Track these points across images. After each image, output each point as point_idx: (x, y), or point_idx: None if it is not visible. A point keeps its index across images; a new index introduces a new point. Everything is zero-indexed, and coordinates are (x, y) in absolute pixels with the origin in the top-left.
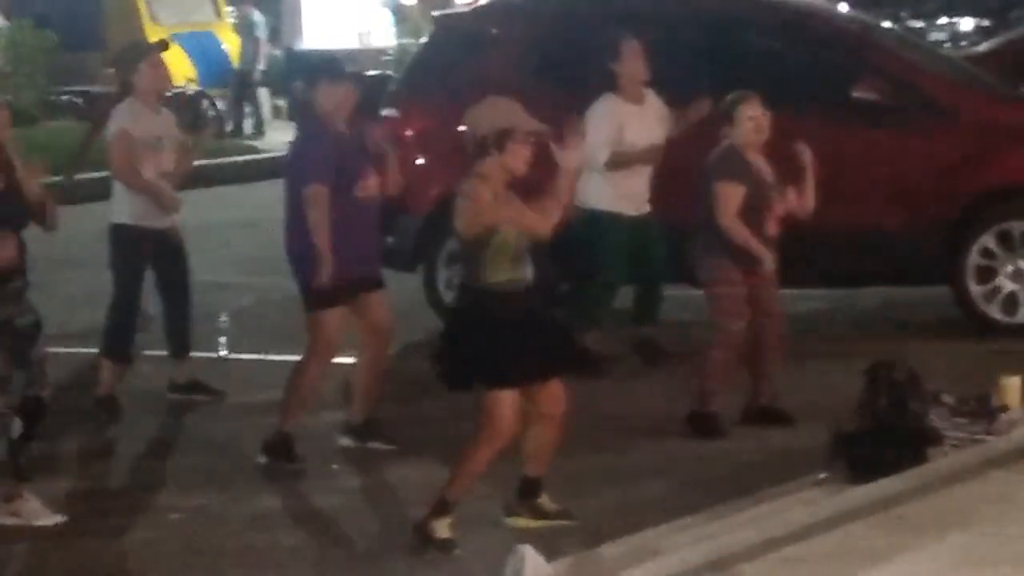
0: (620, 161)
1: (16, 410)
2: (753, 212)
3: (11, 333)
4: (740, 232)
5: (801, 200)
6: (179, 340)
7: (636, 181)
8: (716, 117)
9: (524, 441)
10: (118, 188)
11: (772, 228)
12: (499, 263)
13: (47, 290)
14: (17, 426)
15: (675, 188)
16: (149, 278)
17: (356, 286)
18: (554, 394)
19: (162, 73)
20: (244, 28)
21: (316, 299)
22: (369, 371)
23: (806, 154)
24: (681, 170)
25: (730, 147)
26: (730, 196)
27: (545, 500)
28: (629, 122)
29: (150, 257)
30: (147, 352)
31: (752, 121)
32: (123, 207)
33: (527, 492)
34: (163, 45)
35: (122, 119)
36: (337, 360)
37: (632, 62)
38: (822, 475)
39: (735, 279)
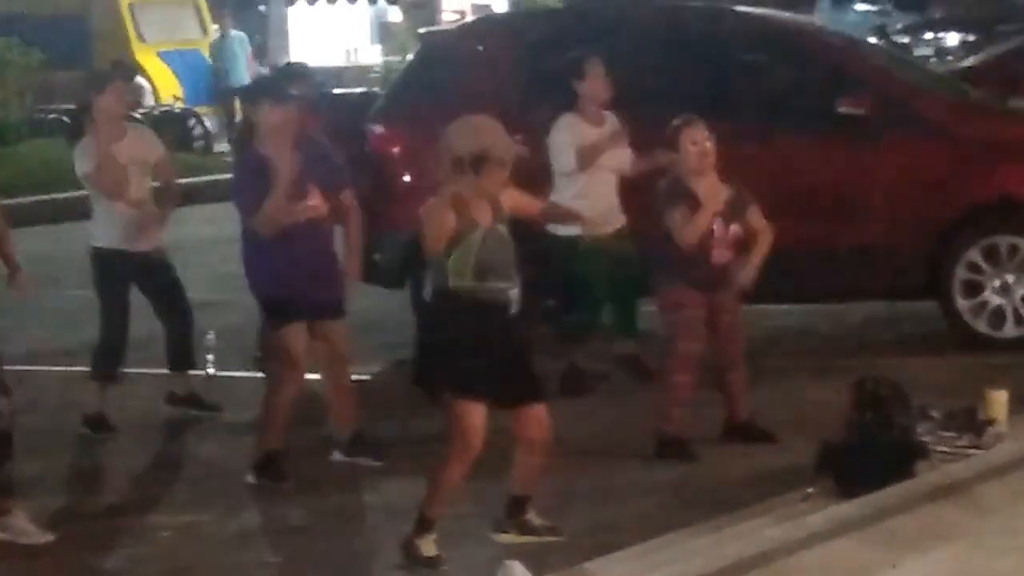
0: (586, 154)
1: None
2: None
3: None
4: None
5: (745, 270)
6: (179, 357)
7: (602, 201)
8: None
9: (512, 462)
10: (98, 211)
11: (722, 255)
12: (461, 270)
13: (33, 309)
14: None
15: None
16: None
17: (310, 307)
18: (537, 419)
19: (121, 102)
20: (236, 46)
21: (269, 315)
22: (334, 390)
23: (765, 231)
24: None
25: (674, 178)
26: (679, 221)
27: (533, 516)
28: (589, 141)
29: (134, 280)
30: (137, 371)
31: (696, 146)
32: (102, 230)
33: (515, 509)
34: (127, 73)
35: (85, 162)
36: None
37: (594, 82)
38: (809, 490)
39: (688, 302)
